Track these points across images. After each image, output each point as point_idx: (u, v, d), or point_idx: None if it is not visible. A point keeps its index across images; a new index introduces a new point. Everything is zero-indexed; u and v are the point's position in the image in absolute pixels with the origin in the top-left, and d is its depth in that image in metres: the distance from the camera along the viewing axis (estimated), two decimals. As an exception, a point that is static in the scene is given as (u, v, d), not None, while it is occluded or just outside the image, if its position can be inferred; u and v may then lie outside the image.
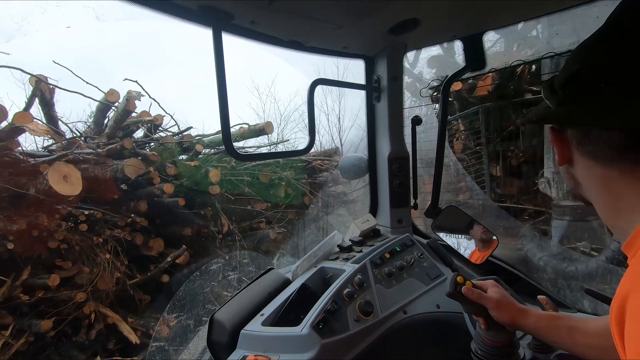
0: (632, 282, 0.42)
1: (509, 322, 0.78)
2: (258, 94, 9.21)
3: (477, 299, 0.80)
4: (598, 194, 0.56)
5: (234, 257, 4.05)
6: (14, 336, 3.04)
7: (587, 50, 0.54)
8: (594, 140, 0.52)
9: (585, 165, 0.56)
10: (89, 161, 3.65)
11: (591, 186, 0.57)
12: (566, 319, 0.76)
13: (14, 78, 3.95)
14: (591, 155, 0.54)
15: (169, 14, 0.84)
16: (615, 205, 0.53)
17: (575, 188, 0.62)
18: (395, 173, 1.36)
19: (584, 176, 0.58)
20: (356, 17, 0.99)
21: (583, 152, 0.55)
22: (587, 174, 0.57)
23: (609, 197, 0.54)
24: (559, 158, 0.60)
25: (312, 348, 0.84)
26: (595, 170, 0.54)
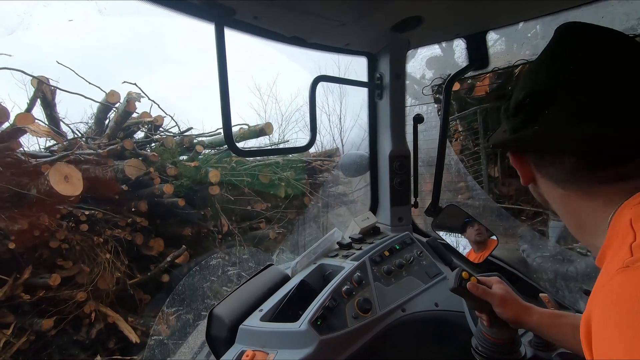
0: (593, 298, 0.40)
1: (512, 319, 0.77)
2: (259, 94, 9.21)
3: (482, 294, 0.78)
4: (562, 212, 0.58)
5: (233, 254, 4.05)
6: (15, 335, 3.04)
7: (530, 77, 0.55)
8: (548, 163, 0.54)
9: (546, 186, 0.57)
10: (90, 162, 3.66)
11: (555, 205, 0.58)
12: (570, 317, 0.75)
13: (15, 79, 3.96)
14: (549, 177, 0.55)
15: (171, 9, 0.84)
16: (579, 222, 0.55)
17: (546, 204, 0.62)
18: (396, 171, 1.36)
19: (548, 196, 0.59)
20: (359, 14, 0.99)
21: (542, 174, 0.56)
22: (549, 194, 0.58)
23: (572, 215, 0.55)
24: (523, 179, 0.61)
25: (310, 344, 0.84)
26: (556, 190, 0.55)
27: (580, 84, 0.48)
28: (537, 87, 0.53)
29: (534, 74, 0.54)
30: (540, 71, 0.54)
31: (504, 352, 0.81)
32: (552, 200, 0.58)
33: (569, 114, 0.48)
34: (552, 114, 0.50)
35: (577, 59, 0.50)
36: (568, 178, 0.52)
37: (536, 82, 0.53)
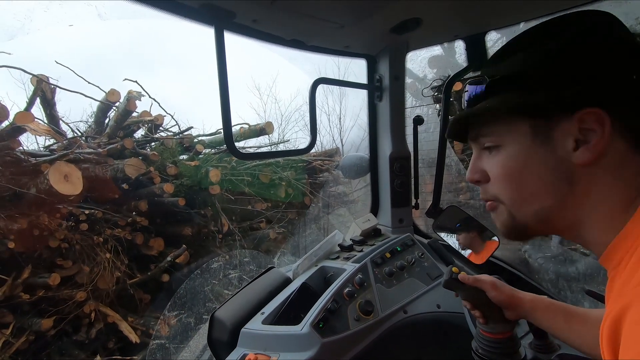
0: (626, 298, 0.36)
1: (507, 301, 0.77)
2: (259, 93, 9.20)
3: (473, 282, 0.80)
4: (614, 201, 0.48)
5: (234, 256, 4.05)
6: (14, 335, 3.04)
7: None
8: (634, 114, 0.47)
9: (624, 158, 0.47)
10: (90, 161, 3.66)
11: (611, 192, 0.48)
12: (564, 305, 0.75)
13: (14, 78, 3.96)
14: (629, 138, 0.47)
15: (171, 12, 0.84)
16: (625, 210, 0.47)
17: (553, 212, 0.53)
18: (397, 173, 1.36)
19: (611, 177, 0.49)
20: (358, 17, 0.99)
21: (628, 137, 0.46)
22: (620, 173, 0.48)
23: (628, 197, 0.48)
24: (594, 152, 0.46)
25: (312, 347, 0.84)
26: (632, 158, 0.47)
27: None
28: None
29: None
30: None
31: (504, 352, 0.82)
32: (613, 181, 0.46)
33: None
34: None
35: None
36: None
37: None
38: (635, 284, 0.36)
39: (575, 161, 0.47)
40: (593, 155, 0.46)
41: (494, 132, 0.55)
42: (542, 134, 0.50)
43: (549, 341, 0.88)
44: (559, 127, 0.48)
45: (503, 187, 0.55)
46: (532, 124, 0.50)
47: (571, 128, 0.47)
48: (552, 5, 1.04)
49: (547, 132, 0.49)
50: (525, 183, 0.52)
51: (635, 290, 0.36)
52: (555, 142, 0.49)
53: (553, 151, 0.49)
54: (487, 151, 0.57)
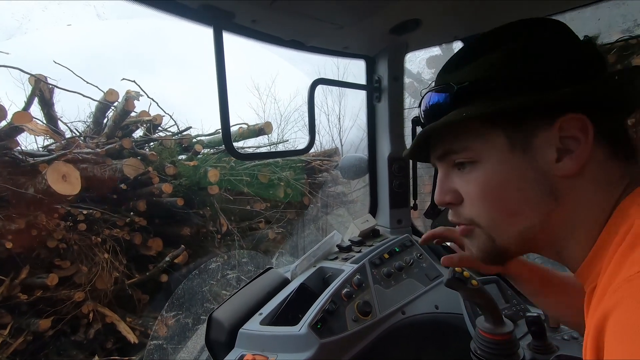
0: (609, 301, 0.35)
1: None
2: (258, 93, 9.18)
3: (460, 261, 0.82)
4: (593, 214, 0.47)
5: (233, 256, 4.05)
6: (12, 335, 3.03)
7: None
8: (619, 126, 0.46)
9: (601, 166, 0.46)
10: (88, 161, 3.64)
11: (589, 204, 0.47)
12: (546, 270, 0.76)
13: (13, 78, 3.95)
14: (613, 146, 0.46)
15: (170, 12, 0.84)
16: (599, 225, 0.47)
17: (533, 232, 0.50)
18: (395, 173, 1.36)
19: (589, 188, 0.47)
20: (357, 17, 0.99)
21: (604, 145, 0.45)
22: (596, 182, 0.46)
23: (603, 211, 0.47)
24: (577, 163, 0.44)
25: (310, 348, 0.84)
26: (613, 165, 0.46)
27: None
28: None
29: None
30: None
31: (503, 353, 0.82)
32: (591, 193, 0.44)
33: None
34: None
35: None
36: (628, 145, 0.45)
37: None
38: (616, 287, 0.35)
39: (557, 173, 0.44)
40: (577, 165, 0.43)
41: (467, 146, 0.49)
42: (521, 144, 0.45)
43: (547, 342, 0.88)
44: (538, 137, 0.45)
45: (481, 207, 0.49)
46: (508, 134, 0.46)
47: (551, 137, 0.44)
48: (551, 6, 1.05)
49: (526, 143, 0.45)
50: (506, 201, 0.47)
51: (618, 292, 0.34)
52: (535, 153, 0.45)
53: (534, 163, 0.45)
54: (457, 168, 0.51)
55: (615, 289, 0.35)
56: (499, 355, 0.81)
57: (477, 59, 0.49)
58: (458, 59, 0.52)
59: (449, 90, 0.49)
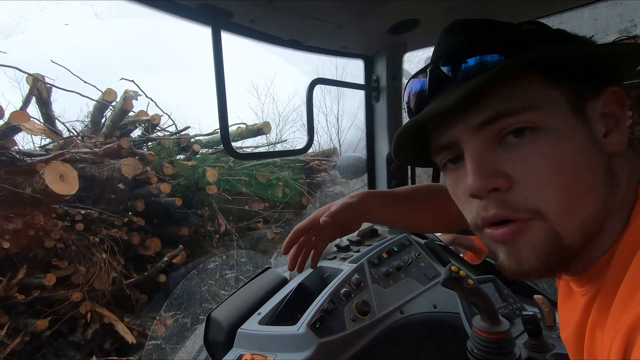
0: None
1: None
2: (257, 93, 9.18)
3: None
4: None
5: (231, 256, 4.04)
6: (9, 335, 3.02)
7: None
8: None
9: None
10: (86, 160, 3.64)
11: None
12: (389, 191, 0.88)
13: (10, 77, 3.93)
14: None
15: (167, 12, 0.84)
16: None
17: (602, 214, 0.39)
18: (394, 173, 1.37)
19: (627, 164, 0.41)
20: (356, 17, 0.99)
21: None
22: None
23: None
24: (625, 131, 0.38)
25: (308, 347, 0.84)
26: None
27: None
28: None
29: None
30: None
31: (499, 352, 0.82)
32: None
33: None
34: None
35: None
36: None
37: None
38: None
39: (608, 150, 0.37)
40: (625, 140, 0.37)
41: (531, 104, 0.37)
42: (580, 111, 0.37)
43: (543, 341, 0.88)
44: (589, 106, 0.38)
45: (552, 190, 0.36)
46: (569, 96, 0.38)
47: (598, 108, 0.38)
48: (549, 6, 1.05)
49: (583, 110, 0.38)
50: (579, 180, 0.36)
51: None
52: (591, 124, 0.38)
53: (593, 135, 0.37)
54: (502, 141, 0.39)
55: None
56: (495, 354, 0.81)
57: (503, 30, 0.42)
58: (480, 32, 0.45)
59: (494, 51, 0.39)
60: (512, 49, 0.38)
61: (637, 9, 2.82)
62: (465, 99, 0.36)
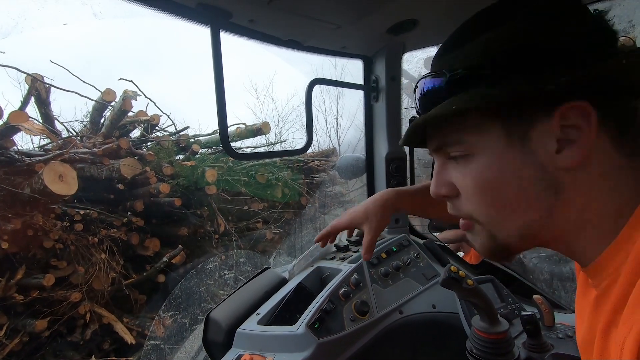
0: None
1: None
2: (256, 94, 9.19)
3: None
4: (599, 208, 0.43)
5: (230, 256, 4.04)
6: (8, 336, 3.02)
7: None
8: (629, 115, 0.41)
9: (606, 159, 0.41)
10: (85, 160, 3.63)
11: (597, 197, 0.42)
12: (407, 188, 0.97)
13: (9, 77, 3.93)
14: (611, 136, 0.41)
15: (166, 12, 0.84)
16: (616, 217, 0.43)
17: (538, 226, 0.46)
18: (393, 173, 1.37)
19: (595, 182, 0.43)
20: (355, 17, 0.99)
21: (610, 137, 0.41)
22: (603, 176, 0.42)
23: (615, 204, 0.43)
24: (580, 154, 0.40)
25: (307, 347, 0.84)
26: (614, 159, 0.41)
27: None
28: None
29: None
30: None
31: (498, 352, 0.82)
32: (597, 188, 0.41)
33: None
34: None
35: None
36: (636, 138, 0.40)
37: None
38: None
39: (559, 165, 0.41)
40: (580, 155, 0.40)
41: (460, 139, 0.45)
42: (519, 136, 0.42)
43: (542, 341, 0.88)
44: (537, 127, 0.41)
45: (478, 203, 0.46)
46: (505, 125, 0.42)
47: (551, 126, 0.40)
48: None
49: (524, 134, 0.42)
50: (504, 197, 0.44)
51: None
52: (533, 145, 0.41)
53: (532, 156, 0.42)
54: (454, 160, 0.48)
55: None
56: (494, 354, 0.81)
57: (474, 38, 0.45)
58: (456, 37, 0.49)
59: (442, 77, 0.45)
60: (457, 87, 0.44)
61: (635, 10, 2.83)
62: (412, 135, 0.50)
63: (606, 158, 0.40)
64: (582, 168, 0.41)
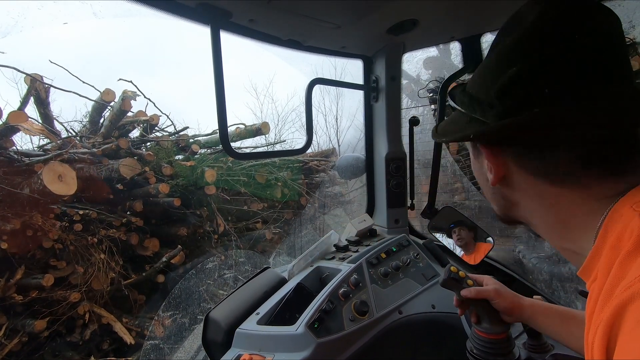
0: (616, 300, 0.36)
1: (509, 307, 0.79)
2: (256, 94, 9.19)
3: (476, 295, 0.81)
4: (544, 214, 0.51)
5: (230, 256, 4.04)
6: (7, 336, 3.01)
7: (522, 51, 0.46)
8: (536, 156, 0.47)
9: (526, 183, 0.50)
10: (84, 161, 3.63)
11: (535, 205, 0.51)
12: (560, 307, 0.77)
13: (8, 77, 3.92)
14: (537, 173, 0.48)
15: (167, 11, 0.84)
16: (562, 225, 0.49)
17: (507, 210, 0.57)
18: (393, 173, 1.37)
19: (524, 196, 0.52)
20: (355, 17, 0.99)
21: (526, 169, 0.49)
22: (527, 193, 0.51)
23: (556, 216, 0.49)
24: (495, 178, 0.53)
25: (307, 347, 0.84)
26: (541, 187, 0.49)
27: (593, 59, 0.43)
28: (533, 62, 0.44)
29: (519, 52, 0.46)
30: (526, 48, 0.46)
31: (498, 353, 0.82)
32: (530, 200, 0.51)
33: (582, 93, 0.42)
34: (559, 93, 0.43)
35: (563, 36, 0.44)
36: (562, 171, 0.46)
37: (533, 56, 0.45)
38: (629, 283, 0.35)
39: (490, 180, 0.54)
40: (495, 179, 0.53)
41: (465, 146, 0.61)
42: (478, 154, 0.57)
43: (542, 341, 0.88)
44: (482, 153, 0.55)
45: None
46: (473, 145, 0.59)
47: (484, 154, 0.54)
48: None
49: (479, 154, 0.57)
50: (484, 187, 0.61)
51: (633, 287, 0.35)
52: (484, 162, 0.55)
53: (484, 168, 0.56)
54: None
55: (628, 285, 0.35)
56: (494, 355, 0.81)
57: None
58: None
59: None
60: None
61: (635, 10, 2.83)
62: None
63: (526, 182, 0.50)
64: (507, 186, 0.54)
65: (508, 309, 0.79)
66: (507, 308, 0.79)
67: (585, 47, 0.43)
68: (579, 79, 0.43)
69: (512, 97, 0.46)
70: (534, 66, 0.45)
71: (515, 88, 0.46)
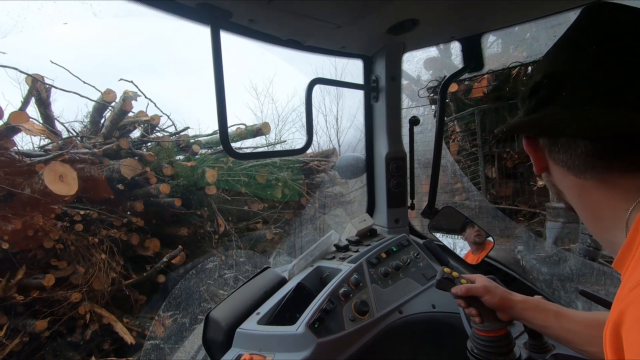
0: (622, 302, 0.38)
1: (499, 304, 0.79)
2: (256, 94, 9.20)
3: (465, 293, 0.82)
4: (576, 203, 0.55)
5: (230, 256, 4.04)
6: (8, 336, 3.02)
7: (549, 58, 0.54)
8: (562, 149, 0.52)
9: (560, 174, 0.55)
10: (85, 161, 3.63)
11: (569, 195, 0.56)
12: (553, 304, 0.78)
13: (9, 77, 3.93)
14: (563, 164, 0.53)
15: (167, 11, 0.84)
16: (594, 214, 0.52)
17: (559, 195, 0.61)
18: (393, 173, 1.37)
19: (561, 185, 0.56)
20: (355, 17, 0.99)
21: (555, 161, 0.54)
22: (563, 183, 0.55)
23: (587, 206, 0.53)
24: (535, 166, 0.59)
25: (307, 347, 0.84)
26: (569, 178, 0.53)
27: (599, 67, 0.47)
28: (555, 69, 0.51)
29: (553, 55, 0.54)
30: (559, 52, 0.53)
31: (498, 352, 0.82)
32: (566, 190, 0.56)
33: (585, 97, 0.47)
34: (568, 96, 0.49)
35: (599, 40, 0.48)
36: (582, 165, 0.50)
37: (554, 64, 0.52)
38: (629, 288, 0.37)
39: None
40: (536, 168, 0.59)
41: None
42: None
43: (543, 341, 0.88)
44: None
45: None
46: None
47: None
48: (546, 7, 1.05)
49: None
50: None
51: (630, 295, 0.37)
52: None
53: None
54: None
55: (629, 289, 0.38)
56: (495, 354, 0.81)
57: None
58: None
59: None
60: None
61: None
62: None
63: (560, 174, 0.54)
64: (551, 176, 0.58)
65: (498, 305, 0.79)
66: (497, 304, 0.79)
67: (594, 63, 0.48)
68: (594, 86, 0.47)
69: (535, 98, 0.54)
70: (556, 72, 0.51)
71: (540, 88, 0.53)
